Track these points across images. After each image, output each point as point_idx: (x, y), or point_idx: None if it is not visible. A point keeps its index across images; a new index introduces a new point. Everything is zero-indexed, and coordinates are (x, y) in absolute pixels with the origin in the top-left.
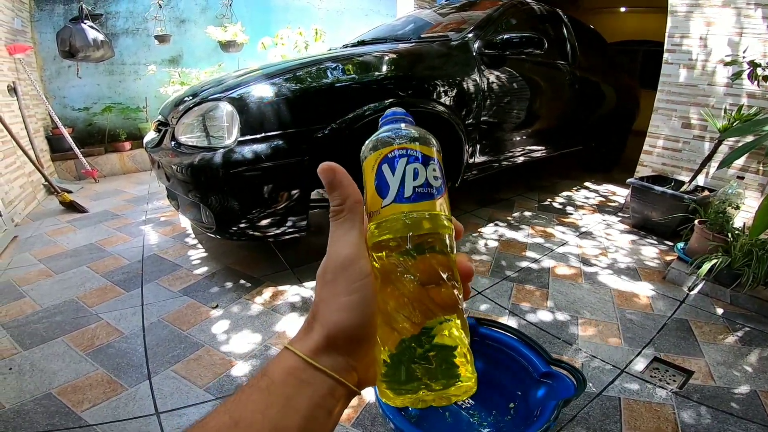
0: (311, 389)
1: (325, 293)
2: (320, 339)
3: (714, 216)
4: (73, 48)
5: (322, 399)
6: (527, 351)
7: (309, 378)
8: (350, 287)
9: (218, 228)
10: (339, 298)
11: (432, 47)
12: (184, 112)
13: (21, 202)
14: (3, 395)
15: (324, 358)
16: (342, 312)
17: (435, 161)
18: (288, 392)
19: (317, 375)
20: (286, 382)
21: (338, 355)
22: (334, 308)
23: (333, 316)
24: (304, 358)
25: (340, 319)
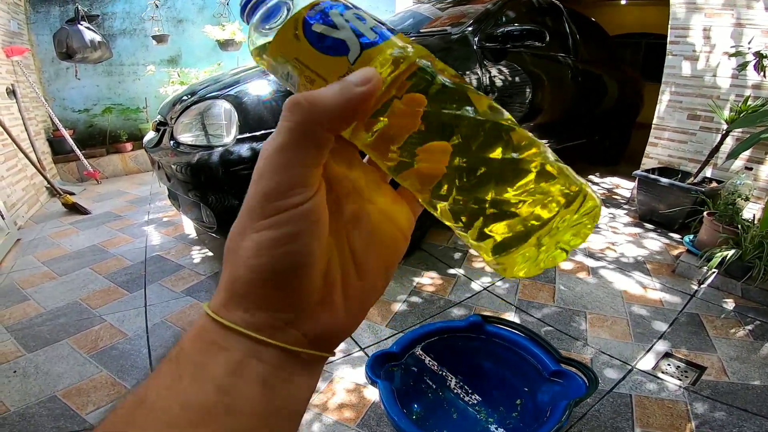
0: (225, 355)
1: (236, 227)
2: (225, 287)
3: (723, 208)
4: (70, 49)
5: (239, 365)
6: (536, 349)
7: (220, 339)
8: (263, 223)
9: (219, 227)
10: (255, 233)
11: (431, 41)
12: (182, 112)
13: (24, 204)
14: (8, 398)
15: (237, 312)
16: (253, 255)
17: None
18: (197, 359)
19: (230, 336)
20: (194, 348)
21: (255, 308)
22: (243, 248)
23: (240, 257)
24: (210, 314)
25: (249, 263)
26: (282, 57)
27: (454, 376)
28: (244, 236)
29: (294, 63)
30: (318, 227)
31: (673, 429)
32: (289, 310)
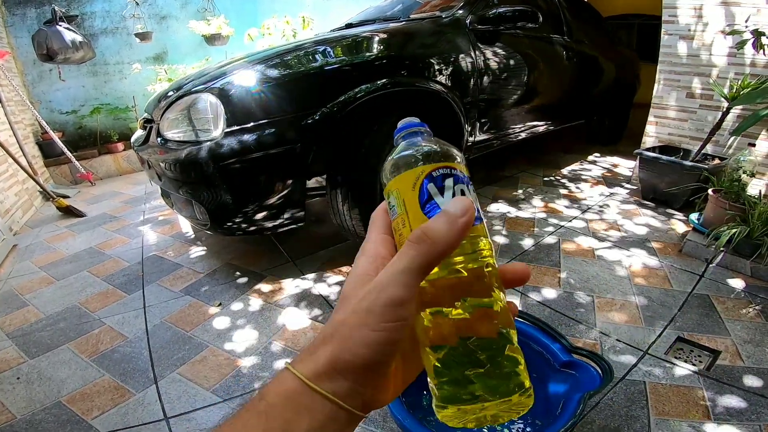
0: (310, 415)
1: (351, 318)
2: (326, 363)
3: (728, 184)
4: (51, 51)
5: (321, 425)
6: (545, 338)
7: (308, 402)
8: (382, 324)
9: (213, 224)
10: (363, 330)
11: (423, 25)
12: (167, 107)
13: (18, 210)
14: (14, 405)
15: (326, 382)
16: (362, 346)
17: (469, 181)
18: (287, 416)
19: (317, 399)
20: (285, 406)
21: (343, 380)
22: (355, 338)
23: (349, 344)
24: (305, 381)
25: (356, 351)
26: (396, 191)
27: None
28: (361, 328)
29: (400, 202)
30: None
31: (690, 416)
32: (370, 388)
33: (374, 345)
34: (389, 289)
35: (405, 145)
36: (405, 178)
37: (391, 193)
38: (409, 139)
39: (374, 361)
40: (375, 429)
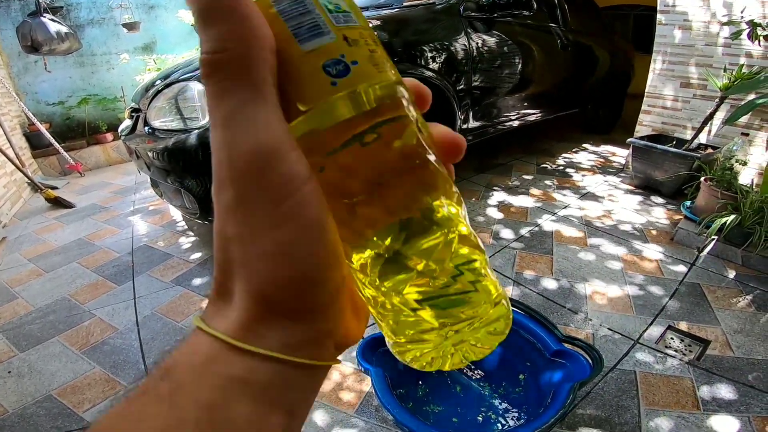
0: (250, 391)
1: (234, 228)
2: (248, 303)
3: (721, 173)
4: (35, 42)
5: (272, 402)
6: (536, 328)
7: (243, 371)
8: (278, 210)
9: (202, 212)
10: (261, 235)
11: (416, 12)
12: (155, 96)
13: (6, 202)
14: (5, 399)
15: (266, 333)
16: (272, 257)
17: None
18: (207, 400)
19: (258, 365)
20: (202, 385)
21: (288, 321)
22: (256, 252)
23: (257, 264)
24: (228, 340)
25: (272, 268)
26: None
27: None
28: (259, 238)
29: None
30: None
31: (680, 407)
32: (329, 317)
33: (286, 247)
34: (245, 147)
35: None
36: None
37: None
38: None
39: (303, 272)
40: (368, 419)
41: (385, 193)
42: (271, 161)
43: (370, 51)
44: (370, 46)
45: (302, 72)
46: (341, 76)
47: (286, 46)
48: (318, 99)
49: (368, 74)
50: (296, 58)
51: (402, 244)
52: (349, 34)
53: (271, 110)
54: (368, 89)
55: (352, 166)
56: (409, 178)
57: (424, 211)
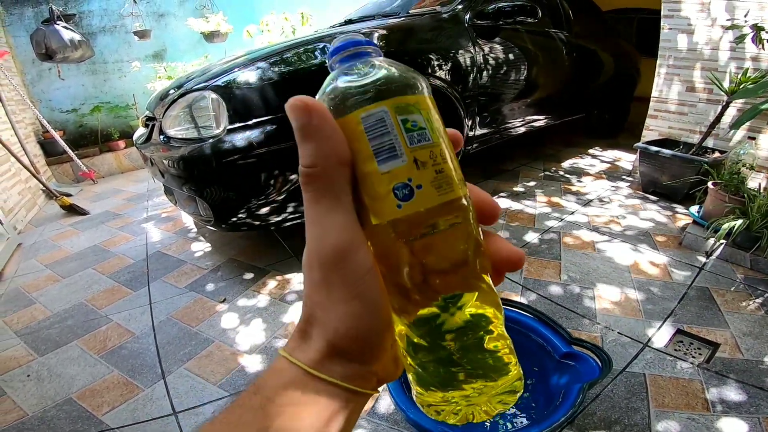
0: (319, 406)
1: (318, 297)
2: (323, 346)
3: (728, 177)
4: (49, 50)
5: (332, 414)
6: (545, 330)
7: (314, 392)
8: (349, 291)
9: (217, 220)
10: (337, 306)
11: (422, 21)
12: (170, 105)
13: (21, 209)
14: (25, 402)
15: (332, 366)
16: (344, 321)
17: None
18: (287, 410)
19: (325, 388)
20: (284, 399)
21: (348, 362)
22: (333, 316)
23: (333, 323)
24: (308, 369)
25: (343, 328)
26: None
27: None
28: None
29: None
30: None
31: (690, 409)
32: (377, 362)
33: (354, 315)
34: (328, 243)
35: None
36: (426, 103)
37: (416, 110)
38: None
39: (364, 332)
40: (379, 422)
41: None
42: (346, 255)
43: (436, 172)
44: (438, 165)
45: (378, 191)
46: (406, 200)
47: (368, 163)
48: (385, 218)
49: (429, 198)
50: (375, 177)
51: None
52: (420, 155)
53: (347, 216)
54: (427, 212)
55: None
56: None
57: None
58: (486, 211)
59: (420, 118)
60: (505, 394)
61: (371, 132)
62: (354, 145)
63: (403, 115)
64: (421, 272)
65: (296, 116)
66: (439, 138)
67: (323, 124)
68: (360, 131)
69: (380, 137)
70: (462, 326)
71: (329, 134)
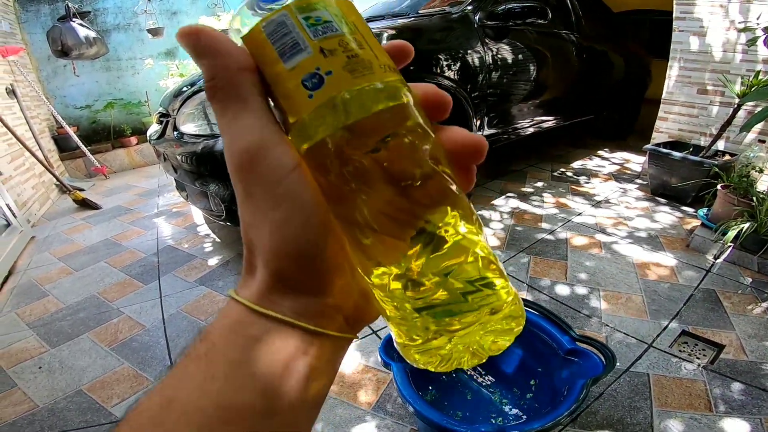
0: (269, 348)
1: (247, 214)
2: (266, 276)
3: (737, 180)
4: (65, 47)
5: (287, 360)
6: (550, 327)
7: (261, 332)
8: (271, 195)
9: (227, 215)
10: (263, 218)
11: (432, 21)
12: (184, 102)
13: (35, 203)
14: (36, 394)
15: (280, 300)
16: (273, 234)
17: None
18: (233, 357)
19: (276, 327)
20: (229, 343)
21: (299, 294)
22: (264, 232)
23: (265, 241)
24: (250, 305)
25: (275, 244)
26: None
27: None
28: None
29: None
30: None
31: (692, 409)
32: (334, 295)
33: (283, 223)
34: (239, 146)
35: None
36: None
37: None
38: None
39: (300, 245)
40: (384, 416)
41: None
42: (258, 155)
43: (348, 57)
44: (350, 51)
45: (287, 88)
46: (316, 89)
47: (275, 65)
48: (300, 113)
49: (342, 82)
50: (283, 76)
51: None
52: (326, 44)
53: (257, 116)
54: (340, 98)
55: (353, 176)
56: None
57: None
58: (432, 103)
59: (325, 13)
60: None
61: (273, 36)
62: (260, 55)
63: (304, 14)
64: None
65: (186, 41)
66: (354, 29)
67: (213, 41)
68: (262, 39)
69: (282, 38)
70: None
71: (223, 48)
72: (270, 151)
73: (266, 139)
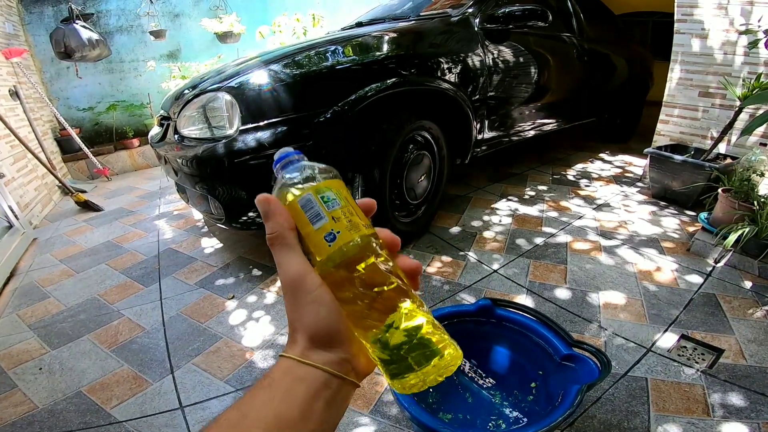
0: (306, 383)
1: (292, 308)
2: (305, 342)
3: (738, 184)
4: (68, 49)
5: (316, 390)
6: (547, 333)
7: (303, 374)
8: (308, 298)
9: (228, 218)
10: (304, 309)
11: (432, 24)
12: (184, 105)
13: (37, 204)
14: (36, 395)
15: (313, 356)
16: (311, 318)
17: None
18: (285, 386)
19: (310, 370)
20: (283, 379)
21: (325, 351)
22: (304, 318)
23: (305, 322)
24: (296, 358)
25: (312, 323)
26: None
27: (467, 360)
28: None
29: (341, 196)
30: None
31: (690, 413)
32: (347, 353)
33: (316, 313)
34: (290, 274)
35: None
36: (335, 183)
37: (328, 189)
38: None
39: (327, 324)
40: (381, 419)
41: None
42: (301, 280)
43: (348, 222)
44: (348, 217)
45: (315, 241)
46: (332, 241)
47: (307, 226)
48: (323, 254)
49: (346, 236)
50: (312, 234)
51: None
52: (335, 214)
53: (298, 257)
54: (345, 247)
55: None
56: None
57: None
58: (390, 243)
59: (331, 193)
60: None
61: (306, 207)
62: (297, 217)
63: (321, 194)
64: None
65: (261, 206)
66: (346, 202)
67: (276, 209)
68: (299, 208)
69: (311, 209)
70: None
71: (280, 213)
72: (307, 277)
73: (304, 270)
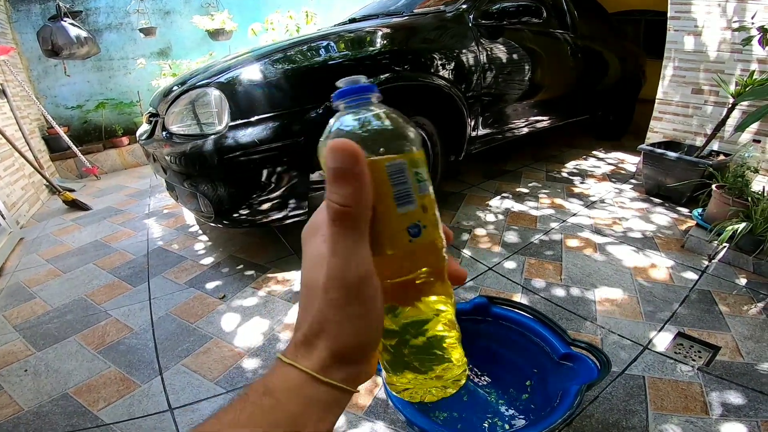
0: (319, 406)
1: (333, 313)
2: (327, 356)
3: (732, 180)
4: (56, 46)
5: (327, 412)
6: (544, 331)
7: (316, 395)
8: (364, 308)
9: (217, 216)
10: (352, 321)
11: (426, 20)
12: (173, 101)
13: (24, 203)
14: (21, 397)
15: (335, 372)
16: (352, 330)
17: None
18: (294, 410)
19: (325, 390)
20: (290, 401)
21: (349, 366)
22: (346, 330)
23: (344, 335)
24: (311, 373)
25: (350, 337)
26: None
27: None
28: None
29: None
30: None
31: (688, 411)
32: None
33: (365, 327)
34: (354, 274)
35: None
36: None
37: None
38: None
39: (369, 340)
40: (377, 420)
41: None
42: (367, 282)
43: (434, 216)
44: (434, 209)
45: (394, 227)
46: (416, 237)
47: (389, 203)
48: (401, 250)
49: (430, 236)
50: (393, 216)
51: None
52: (425, 202)
53: (365, 248)
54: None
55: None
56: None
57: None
58: (454, 276)
59: (423, 171)
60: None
61: (393, 179)
62: (378, 188)
63: (415, 168)
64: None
65: (341, 159)
66: (431, 189)
67: (363, 173)
68: (384, 178)
69: (401, 185)
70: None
71: (366, 182)
72: (372, 278)
73: (371, 271)
